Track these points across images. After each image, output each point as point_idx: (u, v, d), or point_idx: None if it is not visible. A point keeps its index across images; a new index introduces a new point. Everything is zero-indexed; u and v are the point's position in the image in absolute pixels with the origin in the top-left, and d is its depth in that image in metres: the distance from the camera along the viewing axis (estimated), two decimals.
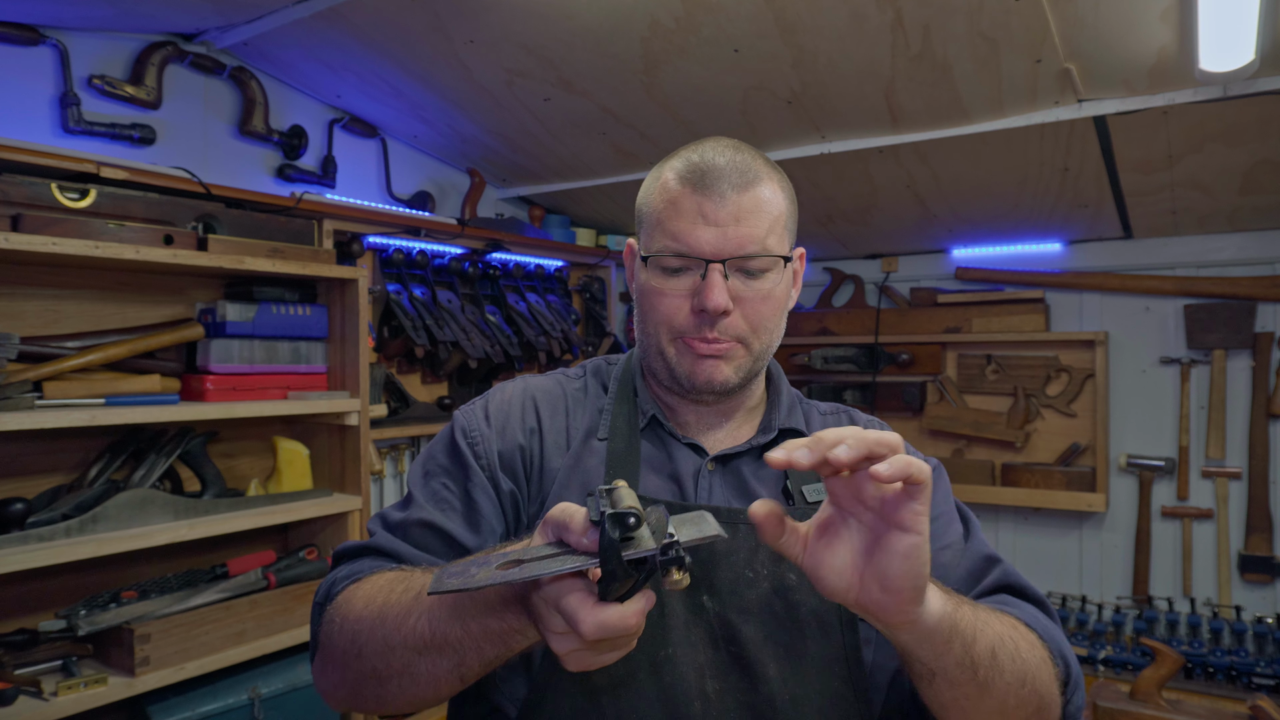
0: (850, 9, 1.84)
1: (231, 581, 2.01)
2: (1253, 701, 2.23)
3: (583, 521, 0.64)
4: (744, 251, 0.92)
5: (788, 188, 1.00)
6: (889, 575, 0.64)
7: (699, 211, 0.92)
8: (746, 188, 0.93)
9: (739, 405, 1.04)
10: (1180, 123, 2.18)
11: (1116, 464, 3.08)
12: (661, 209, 0.95)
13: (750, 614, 0.90)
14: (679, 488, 0.98)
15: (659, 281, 0.95)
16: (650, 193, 0.99)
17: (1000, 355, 3.27)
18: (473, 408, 1.05)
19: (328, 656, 0.88)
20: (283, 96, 2.49)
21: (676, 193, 0.94)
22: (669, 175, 0.96)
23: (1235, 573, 2.87)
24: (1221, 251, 2.90)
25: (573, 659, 0.66)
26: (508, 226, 2.96)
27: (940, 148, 2.43)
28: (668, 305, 0.95)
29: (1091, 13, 1.79)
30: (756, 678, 0.87)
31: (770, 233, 0.94)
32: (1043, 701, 0.82)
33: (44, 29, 1.99)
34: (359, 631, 0.82)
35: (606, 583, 0.62)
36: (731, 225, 0.92)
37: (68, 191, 1.87)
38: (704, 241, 0.91)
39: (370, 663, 0.81)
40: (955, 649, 0.72)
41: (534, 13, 1.95)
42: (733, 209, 0.92)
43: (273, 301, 2.17)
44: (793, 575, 0.92)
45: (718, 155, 0.94)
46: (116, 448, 1.96)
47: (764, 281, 0.95)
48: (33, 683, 1.68)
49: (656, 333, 0.97)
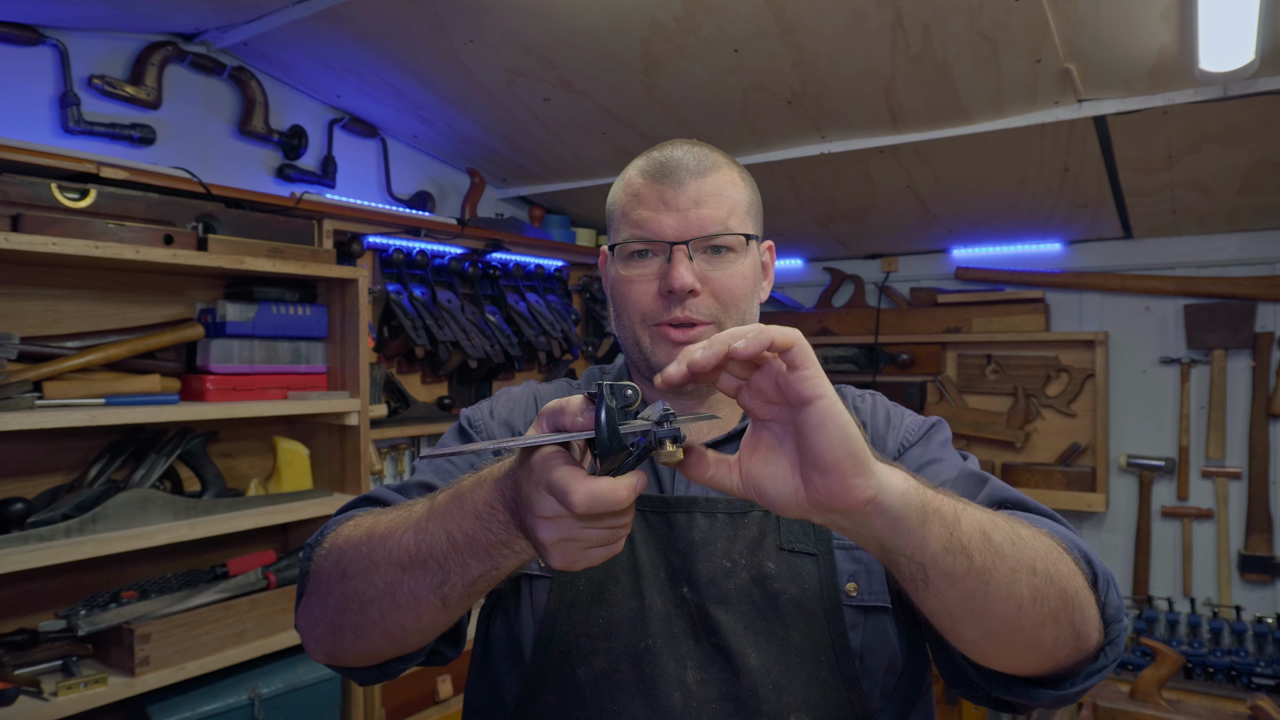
0: (850, 9, 1.84)
1: (231, 581, 2.01)
2: (1253, 702, 2.23)
3: (579, 401, 0.64)
4: (706, 232, 0.94)
5: (749, 180, 1.03)
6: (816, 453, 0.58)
7: (660, 199, 0.95)
8: (705, 174, 0.96)
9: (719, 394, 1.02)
10: (1180, 123, 2.18)
11: (1116, 464, 3.08)
12: (626, 201, 0.99)
13: (729, 604, 0.90)
14: (657, 479, 0.99)
15: (627, 270, 0.97)
16: (616, 191, 1.02)
17: (1000, 355, 3.27)
18: (479, 406, 1.09)
19: (312, 589, 0.87)
20: (283, 96, 2.49)
21: (639, 186, 0.97)
22: (632, 173, 1.00)
23: (1235, 573, 2.87)
24: (1221, 251, 2.90)
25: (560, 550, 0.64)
26: (508, 226, 2.96)
27: (940, 148, 2.43)
28: (636, 292, 0.97)
29: (1091, 13, 1.79)
30: (738, 668, 0.88)
31: (731, 214, 0.96)
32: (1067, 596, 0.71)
33: (44, 29, 1.99)
34: (345, 552, 0.82)
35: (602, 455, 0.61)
36: (692, 209, 0.94)
37: (68, 191, 1.87)
38: (666, 226, 0.94)
39: (354, 584, 0.80)
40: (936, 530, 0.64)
41: (534, 13, 1.95)
42: (693, 194, 0.95)
43: (273, 301, 2.17)
44: (771, 564, 0.92)
45: (675, 150, 0.98)
46: (116, 448, 1.96)
47: (730, 261, 0.96)
48: (33, 683, 1.68)
49: (630, 322, 0.99)
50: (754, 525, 0.93)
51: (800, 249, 3.62)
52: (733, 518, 0.94)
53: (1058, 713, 2.22)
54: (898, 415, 1.06)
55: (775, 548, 0.93)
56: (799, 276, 3.78)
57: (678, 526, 0.94)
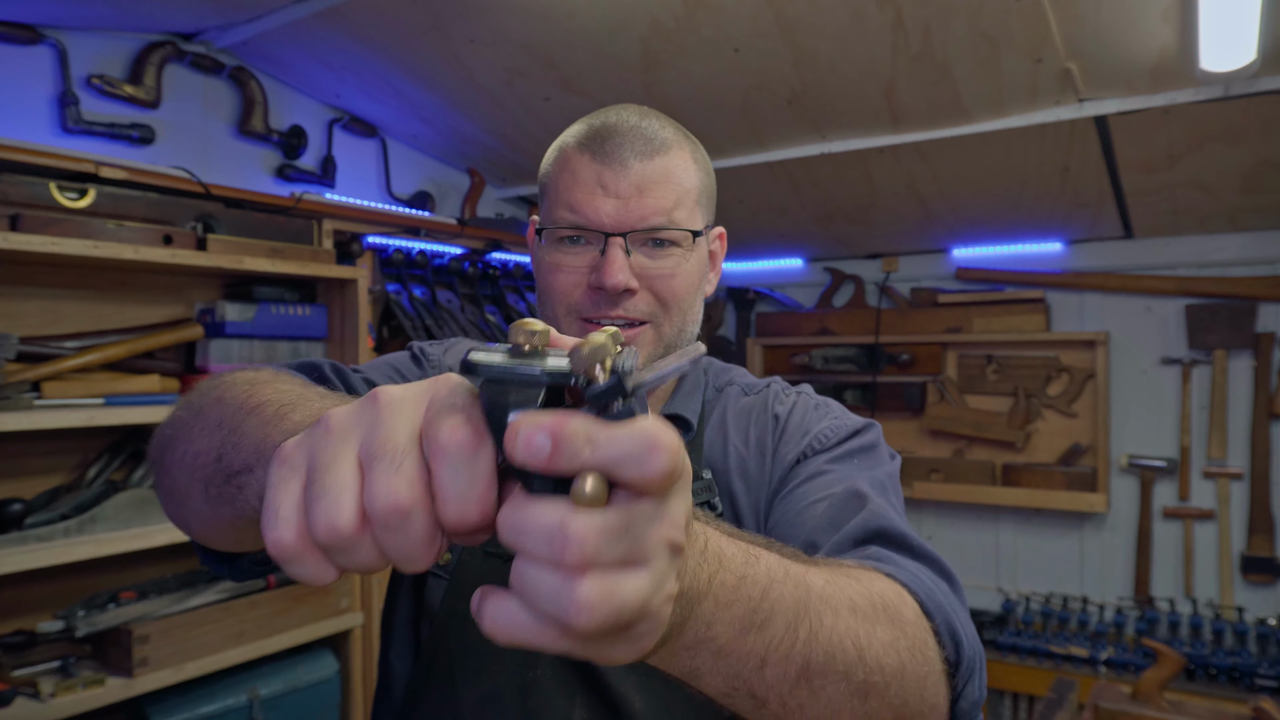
0: (851, 8, 1.84)
1: (230, 582, 2.01)
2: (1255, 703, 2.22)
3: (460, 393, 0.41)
4: (647, 224, 0.84)
5: (702, 159, 0.91)
6: None
7: (598, 181, 0.84)
8: (651, 155, 0.84)
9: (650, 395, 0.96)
10: (1181, 123, 2.17)
11: (1118, 464, 3.07)
12: (558, 177, 0.87)
13: None
14: None
15: (555, 256, 0.87)
16: (550, 161, 0.90)
17: (1001, 355, 3.26)
18: (434, 345, 1.00)
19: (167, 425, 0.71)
20: (282, 96, 2.48)
21: (575, 160, 0.85)
22: (570, 143, 0.87)
23: (1237, 573, 2.86)
24: (1222, 251, 2.90)
25: None
26: (507, 226, 2.96)
27: (941, 148, 2.43)
28: (563, 281, 0.86)
29: (1092, 12, 1.78)
30: (622, 711, 0.81)
31: (679, 205, 0.85)
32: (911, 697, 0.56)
33: (43, 28, 1.99)
34: (200, 390, 0.68)
35: None
36: (634, 196, 0.83)
37: (67, 191, 1.86)
38: (603, 213, 0.83)
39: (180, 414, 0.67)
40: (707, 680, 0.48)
41: (534, 13, 1.94)
42: (635, 179, 0.83)
43: (272, 301, 2.17)
44: None
45: (621, 121, 0.86)
46: (115, 448, 1.95)
47: (671, 257, 0.86)
48: (31, 684, 1.68)
49: (554, 314, 0.88)
50: None
51: (800, 249, 3.62)
52: None
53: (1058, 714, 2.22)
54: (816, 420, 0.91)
55: None
56: (799, 276, 3.78)
57: None
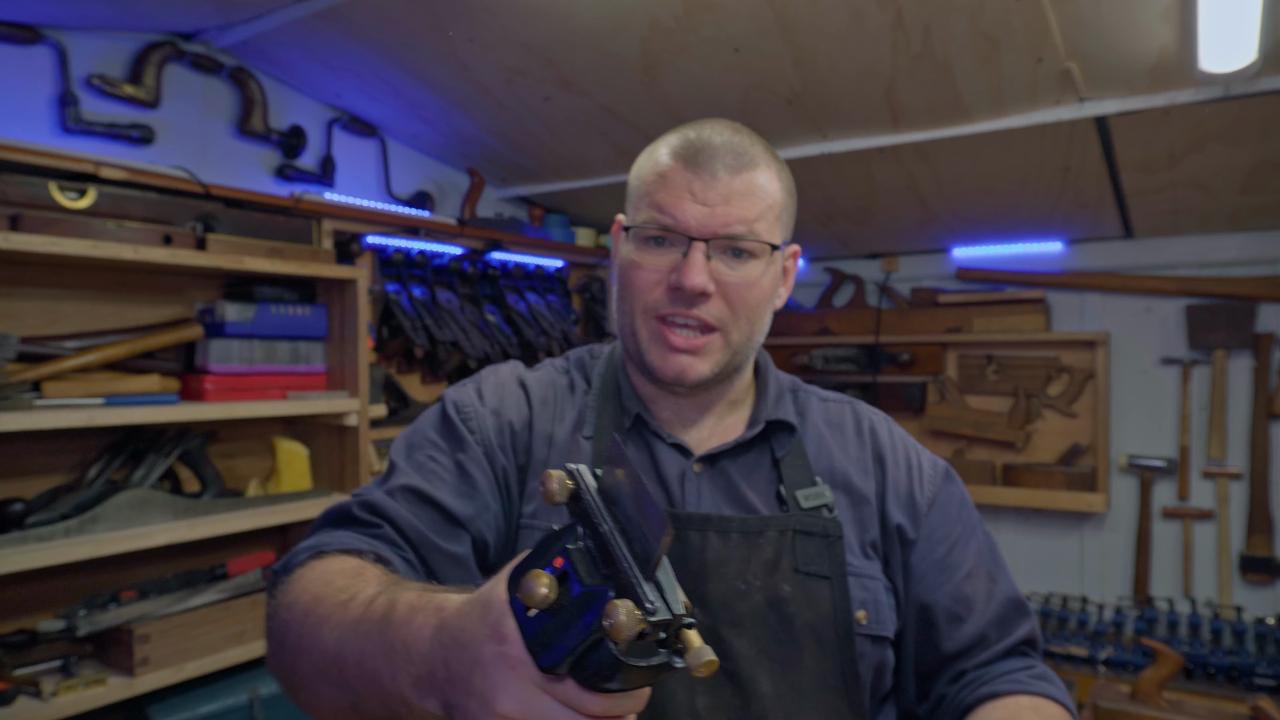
0: (851, 8, 1.84)
1: (231, 582, 2.01)
2: (1253, 702, 2.22)
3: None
4: (730, 232, 0.88)
5: (787, 180, 0.96)
6: None
7: (688, 188, 0.88)
8: (740, 170, 0.89)
9: (718, 398, 0.98)
10: (1181, 123, 2.17)
11: (1117, 464, 3.07)
12: (650, 181, 0.92)
13: (743, 627, 0.86)
14: (666, 493, 0.93)
15: (639, 255, 0.91)
16: (642, 166, 0.95)
17: (1001, 355, 3.26)
18: (464, 386, 1.00)
19: (269, 637, 0.81)
20: (282, 96, 2.48)
21: (668, 167, 0.90)
22: (663, 151, 0.93)
23: (1236, 573, 2.86)
24: (1223, 251, 2.90)
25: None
26: (507, 226, 2.96)
27: (941, 147, 2.43)
28: (644, 279, 0.90)
29: (1092, 12, 1.78)
30: (749, 694, 0.85)
31: (760, 218, 0.90)
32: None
33: (43, 28, 1.98)
34: (286, 622, 0.76)
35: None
36: (720, 205, 0.88)
37: (67, 191, 1.86)
38: (690, 217, 0.88)
39: (287, 660, 0.75)
40: None
41: (534, 12, 1.94)
42: (724, 189, 0.88)
43: (272, 301, 2.17)
44: (786, 587, 0.88)
45: (715, 134, 0.91)
46: (116, 448, 1.95)
47: (749, 267, 0.90)
48: (32, 683, 1.68)
49: (631, 310, 0.93)
50: (769, 546, 0.89)
51: (801, 249, 3.61)
52: (747, 537, 0.89)
53: None
54: (915, 455, 1.02)
55: (791, 569, 0.89)
56: (799, 276, 3.74)
57: (690, 545, 0.88)
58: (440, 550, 0.86)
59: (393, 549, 0.85)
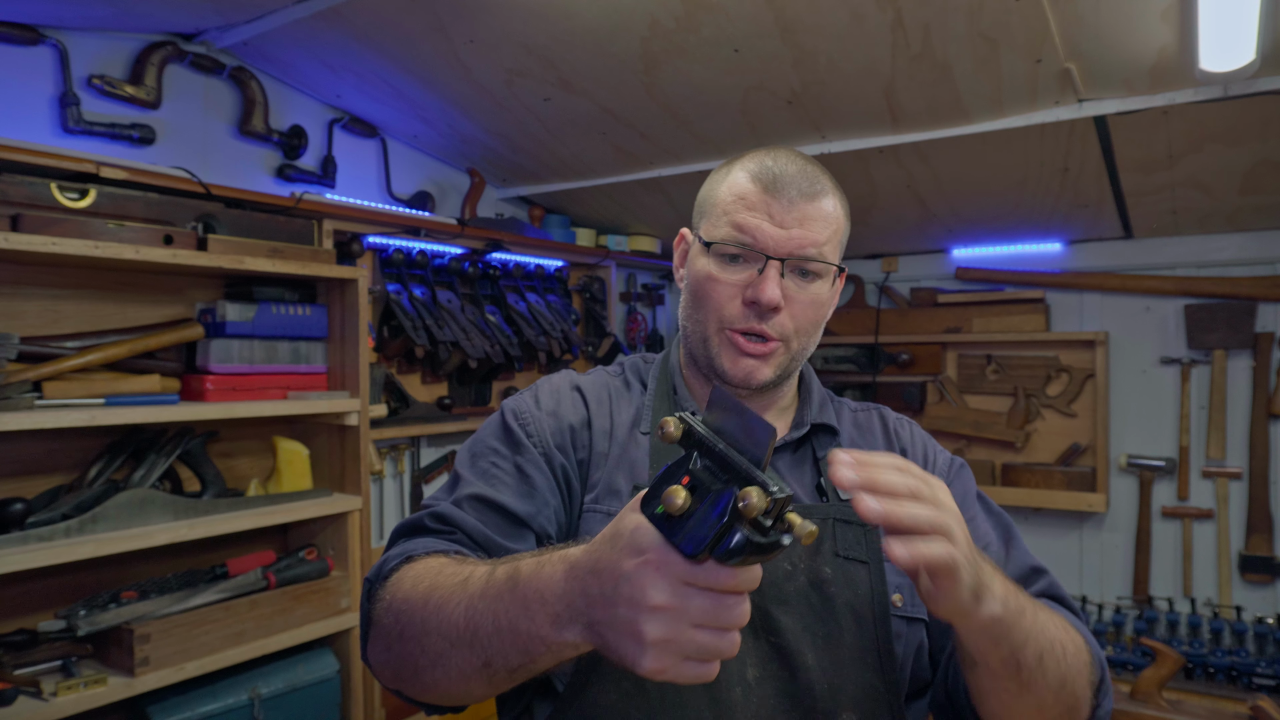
0: (850, 8, 1.84)
1: (231, 582, 2.01)
2: (1253, 702, 2.23)
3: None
4: (803, 253, 0.97)
5: (845, 206, 1.05)
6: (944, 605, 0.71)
7: (767, 210, 0.97)
8: (814, 198, 0.98)
9: (772, 403, 1.08)
10: (1180, 123, 2.17)
11: (1117, 464, 3.07)
12: (730, 201, 1.00)
13: (789, 605, 0.93)
14: None
15: (717, 270, 0.99)
16: (719, 184, 1.04)
17: (1000, 355, 3.26)
18: (522, 395, 1.08)
19: (377, 634, 0.88)
20: (282, 96, 2.48)
21: (747, 189, 0.99)
22: (740, 173, 1.01)
23: (1236, 573, 2.86)
24: (1222, 251, 2.90)
25: (660, 652, 0.60)
26: (508, 226, 2.96)
27: (940, 148, 2.43)
28: (721, 293, 0.99)
29: (1092, 12, 1.79)
30: (795, 666, 0.91)
31: (828, 242, 0.99)
32: (1076, 702, 0.86)
33: (43, 29, 1.99)
34: (403, 613, 0.83)
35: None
36: (796, 227, 0.97)
37: (67, 191, 1.87)
38: (768, 237, 0.97)
39: (409, 647, 0.81)
40: (1002, 650, 0.76)
41: (534, 13, 1.95)
42: (799, 214, 0.97)
43: (272, 301, 2.17)
44: (827, 569, 0.96)
45: (789, 164, 1.00)
46: (116, 448, 1.95)
47: (815, 286, 1.00)
48: (32, 683, 1.68)
49: (705, 321, 1.01)
50: None
51: None
52: None
53: None
54: (932, 452, 1.11)
55: (831, 553, 0.97)
56: None
57: None
58: (507, 550, 0.93)
59: (469, 551, 0.93)
